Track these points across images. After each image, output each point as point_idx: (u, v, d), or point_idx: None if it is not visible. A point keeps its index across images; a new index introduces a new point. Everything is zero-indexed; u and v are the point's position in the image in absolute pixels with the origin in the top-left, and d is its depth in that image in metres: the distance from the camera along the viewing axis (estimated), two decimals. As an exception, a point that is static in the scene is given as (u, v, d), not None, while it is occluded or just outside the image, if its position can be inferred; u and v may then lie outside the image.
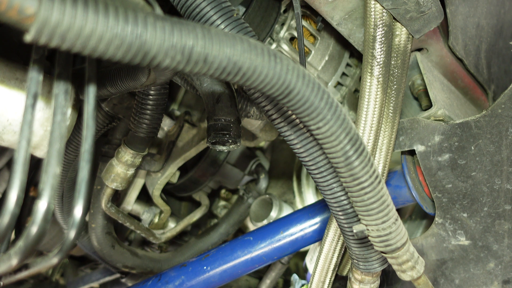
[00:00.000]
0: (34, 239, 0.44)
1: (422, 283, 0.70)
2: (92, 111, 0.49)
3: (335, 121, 0.53)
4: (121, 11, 0.38)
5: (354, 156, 0.55)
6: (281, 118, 0.68)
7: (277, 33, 0.99)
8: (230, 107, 0.79)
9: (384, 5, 0.74)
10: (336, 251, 0.85)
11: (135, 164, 1.00)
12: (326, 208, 1.03)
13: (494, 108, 0.77)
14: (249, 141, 1.22)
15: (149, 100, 0.90)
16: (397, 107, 0.82)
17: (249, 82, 0.46)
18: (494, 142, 0.78)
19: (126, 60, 0.39)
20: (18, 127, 0.67)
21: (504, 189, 0.79)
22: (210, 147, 0.81)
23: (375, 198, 0.59)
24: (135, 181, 1.29)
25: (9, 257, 0.45)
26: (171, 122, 1.23)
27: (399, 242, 0.63)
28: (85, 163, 0.46)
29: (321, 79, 1.04)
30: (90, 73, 0.51)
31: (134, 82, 0.70)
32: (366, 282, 0.79)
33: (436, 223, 0.87)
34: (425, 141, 0.83)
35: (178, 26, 0.41)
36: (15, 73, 0.67)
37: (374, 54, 0.76)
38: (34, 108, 0.45)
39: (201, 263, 1.02)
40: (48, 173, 0.44)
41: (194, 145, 1.19)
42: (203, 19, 0.64)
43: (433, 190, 0.85)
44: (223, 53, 0.43)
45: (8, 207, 0.42)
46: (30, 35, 0.35)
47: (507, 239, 0.82)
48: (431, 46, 0.92)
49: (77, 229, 0.47)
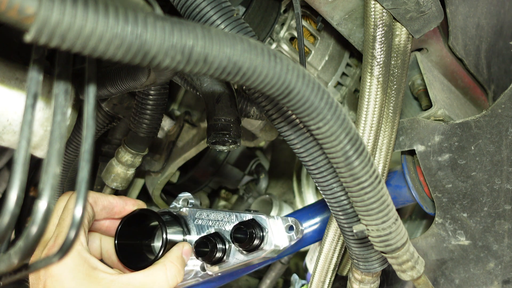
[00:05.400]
0: (34, 239, 0.44)
1: (422, 283, 0.70)
2: (92, 111, 0.49)
3: (335, 121, 0.53)
4: (121, 11, 0.38)
5: (354, 156, 0.55)
6: (281, 118, 0.68)
7: (277, 33, 0.99)
8: (230, 107, 0.79)
9: (384, 5, 0.74)
10: (336, 251, 0.85)
11: (135, 164, 1.00)
12: (326, 208, 1.02)
13: (494, 108, 0.77)
14: (249, 141, 1.22)
15: (149, 100, 0.90)
16: (397, 107, 0.82)
17: (249, 82, 0.46)
18: (494, 142, 0.78)
19: (126, 60, 0.39)
20: (18, 127, 0.67)
21: (504, 189, 0.79)
22: (210, 147, 0.82)
23: (375, 198, 0.59)
24: (135, 181, 1.29)
25: (9, 257, 0.45)
26: (171, 122, 1.23)
27: (399, 242, 0.63)
28: (85, 163, 0.46)
29: (321, 79, 1.04)
30: (90, 73, 0.51)
31: (134, 82, 0.70)
32: (366, 282, 0.79)
33: (436, 223, 0.87)
34: (425, 141, 0.83)
35: (178, 26, 0.41)
36: (15, 73, 0.67)
37: (374, 54, 0.76)
38: (34, 108, 0.45)
39: (201, 263, 1.02)
40: (48, 173, 0.44)
41: (194, 145, 1.18)
42: (203, 19, 0.64)
43: (433, 190, 0.85)
44: (223, 53, 0.43)
45: (8, 207, 0.42)
46: (30, 35, 0.35)
47: (507, 239, 0.82)
48: (431, 46, 0.92)
49: (77, 229, 0.47)
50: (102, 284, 0.67)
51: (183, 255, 0.80)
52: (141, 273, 0.72)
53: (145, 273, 0.72)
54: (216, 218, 0.87)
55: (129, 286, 0.69)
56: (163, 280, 0.73)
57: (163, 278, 0.73)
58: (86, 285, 0.66)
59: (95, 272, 0.68)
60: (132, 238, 0.82)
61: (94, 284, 0.66)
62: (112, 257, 0.81)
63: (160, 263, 0.76)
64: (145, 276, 0.72)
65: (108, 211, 0.79)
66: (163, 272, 0.74)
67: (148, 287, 0.71)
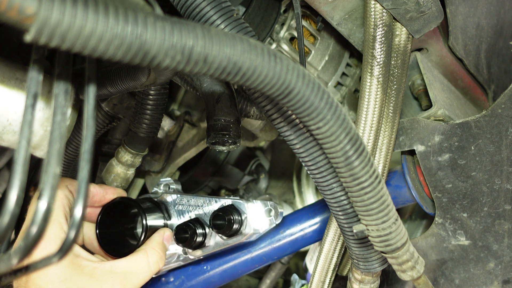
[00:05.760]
0: (34, 239, 0.44)
1: (422, 283, 0.70)
2: (92, 111, 0.49)
3: (335, 121, 0.53)
4: (121, 11, 0.38)
5: (354, 156, 0.55)
6: (281, 118, 0.68)
7: (277, 33, 0.99)
8: (230, 107, 0.79)
9: (384, 5, 0.74)
10: (336, 251, 0.85)
11: (135, 164, 1.00)
12: (326, 208, 1.02)
13: (494, 108, 0.77)
14: (249, 141, 1.22)
15: (149, 100, 0.90)
16: (397, 107, 0.82)
17: (249, 82, 0.46)
18: (494, 142, 0.78)
19: (126, 60, 0.39)
20: (18, 127, 0.67)
21: (504, 189, 0.79)
22: (210, 147, 0.82)
23: (375, 198, 0.59)
24: (135, 181, 1.29)
25: (9, 257, 0.45)
26: (171, 122, 1.23)
27: (399, 242, 0.63)
28: (85, 163, 0.46)
29: (321, 79, 1.04)
30: (90, 73, 0.51)
31: (134, 82, 0.70)
32: (366, 282, 0.79)
33: (436, 223, 0.87)
34: (425, 141, 0.83)
35: (178, 26, 0.41)
36: (15, 73, 0.67)
37: (374, 54, 0.76)
38: (34, 108, 0.45)
39: (201, 263, 1.02)
40: (48, 173, 0.44)
41: (194, 145, 1.18)
42: (203, 19, 0.64)
43: (433, 190, 0.85)
44: (223, 53, 0.43)
45: (8, 207, 0.42)
46: (30, 35, 0.35)
47: (507, 239, 0.82)
48: (431, 46, 0.92)
49: (77, 229, 0.47)
50: (85, 271, 0.68)
51: (164, 241, 0.82)
52: (123, 260, 0.73)
53: (128, 260, 0.74)
54: (196, 204, 0.88)
55: (111, 274, 0.70)
56: (145, 266, 0.74)
57: (145, 264, 0.74)
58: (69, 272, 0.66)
59: (77, 259, 0.68)
60: (113, 227, 0.83)
61: (77, 271, 0.67)
62: (94, 243, 0.83)
63: (142, 250, 0.77)
64: (127, 263, 0.73)
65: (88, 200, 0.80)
66: (145, 259, 0.75)
67: (130, 273, 0.72)
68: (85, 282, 0.67)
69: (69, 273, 0.66)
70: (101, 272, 0.69)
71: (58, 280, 0.65)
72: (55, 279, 0.65)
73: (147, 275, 0.74)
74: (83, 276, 0.67)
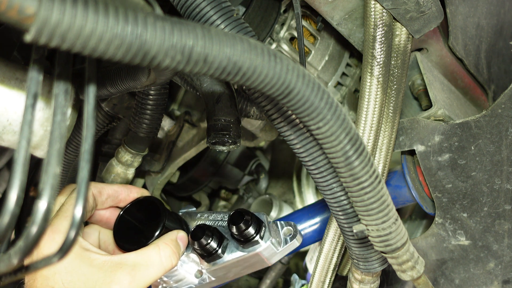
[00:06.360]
0: (34, 239, 0.44)
1: (422, 283, 0.70)
2: (92, 111, 0.49)
3: (335, 121, 0.53)
4: (121, 11, 0.38)
5: (354, 156, 0.55)
6: (281, 118, 0.68)
7: (277, 33, 0.99)
8: (230, 107, 0.79)
9: (384, 5, 0.74)
10: (336, 251, 0.85)
11: (135, 164, 1.00)
12: (326, 208, 1.03)
13: (494, 108, 0.77)
14: (249, 141, 1.22)
15: (149, 100, 0.90)
16: (397, 107, 0.82)
17: (249, 82, 0.46)
18: (494, 142, 0.78)
19: (126, 60, 0.39)
20: (18, 127, 0.67)
21: (504, 189, 0.79)
22: (210, 147, 0.82)
23: (375, 198, 0.59)
24: (135, 181, 1.29)
25: (9, 257, 0.45)
26: (171, 122, 1.23)
27: (399, 242, 0.63)
28: (85, 163, 0.46)
29: (321, 79, 1.04)
30: (90, 73, 0.51)
31: (134, 82, 0.70)
32: (366, 282, 0.79)
33: (436, 223, 0.87)
34: (425, 141, 0.83)
35: (178, 26, 0.41)
36: (15, 73, 0.67)
37: (374, 54, 0.77)
38: (34, 108, 0.45)
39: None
40: (48, 173, 0.44)
41: (194, 145, 1.18)
42: (203, 19, 0.64)
43: (433, 190, 0.85)
44: (223, 53, 0.43)
45: (8, 207, 0.42)
46: (30, 35, 0.35)
47: (507, 239, 0.82)
48: (431, 46, 0.92)
49: (77, 229, 0.47)
50: (94, 264, 0.67)
51: (178, 239, 0.79)
52: (134, 253, 0.71)
53: (138, 252, 0.72)
54: (215, 218, 0.88)
55: (122, 266, 0.68)
56: (157, 260, 0.72)
57: (156, 258, 0.72)
58: (77, 264, 0.66)
59: (86, 253, 0.68)
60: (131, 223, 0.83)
61: (86, 264, 0.66)
62: (109, 248, 0.82)
63: (154, 244, 0.75)
64: (138, 255, 0.71)
65: (113, 199, 0.80)
66: (157, 252, 0.73)
67: (140, 265, 0.69)
68: (93, 273, 0.66)
69: (77, 264, 0.66)
70: (111, 264, 0.67)
71: (65, 271, 0.65)
72: (62, 269, 0.65)
73: (158, 268, 0.71)
74: (91, 268, 0.66)
